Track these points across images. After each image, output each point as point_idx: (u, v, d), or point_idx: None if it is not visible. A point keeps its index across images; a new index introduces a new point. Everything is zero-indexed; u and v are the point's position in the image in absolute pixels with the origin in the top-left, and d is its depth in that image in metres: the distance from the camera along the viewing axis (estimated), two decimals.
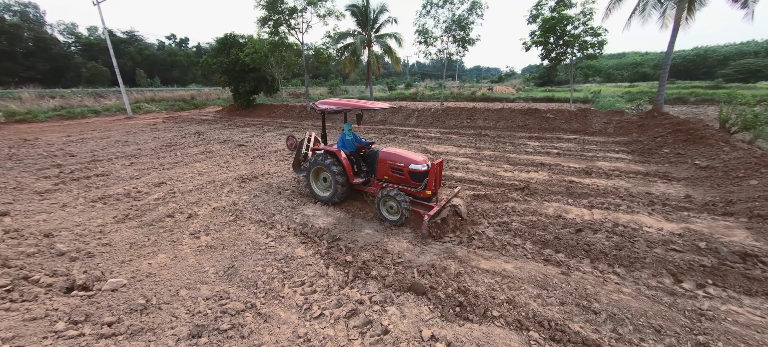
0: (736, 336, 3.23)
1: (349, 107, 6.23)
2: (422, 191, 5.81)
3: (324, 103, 6.56)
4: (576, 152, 11.65)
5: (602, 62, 67.41)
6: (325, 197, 6.73)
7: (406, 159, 5.99)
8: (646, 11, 14.46)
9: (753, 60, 45.11)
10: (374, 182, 6.48)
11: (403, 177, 6.02)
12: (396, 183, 6.16)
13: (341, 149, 6.64)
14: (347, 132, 6.85)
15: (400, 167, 6.00)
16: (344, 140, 6.80)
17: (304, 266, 4.51)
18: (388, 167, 6.16)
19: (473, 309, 3.60)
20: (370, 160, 6.65)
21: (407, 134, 16.43)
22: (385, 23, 21.36)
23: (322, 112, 6.71)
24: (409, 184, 6.01)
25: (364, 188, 6.63)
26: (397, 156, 6.13)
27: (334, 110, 6.43)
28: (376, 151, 6.44)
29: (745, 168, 7.80)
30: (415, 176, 5.91)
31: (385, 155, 6.23)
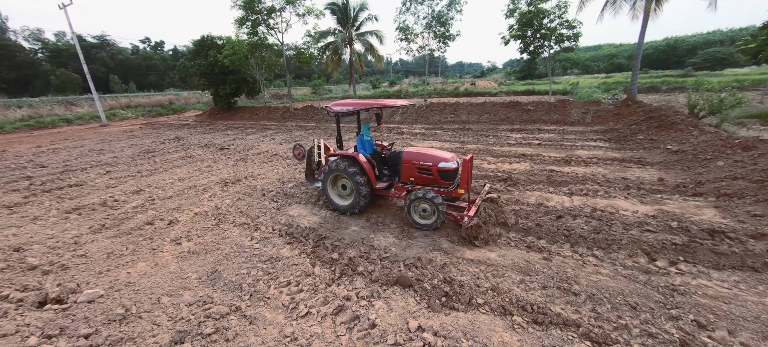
0: (706, 308, 3.41)
1: (367, 106, 5.77)
2: (454, 190, 5.46)
3: (338, 104, 6.07)
4: (556, 142, 11.96)
5: (579, 54, 69.35)
6: (345, 206, 6.08)
7: (434, 157, 5.54)
8: (617, 3, 15.00)
9: (719, 49, 47.41)
10: (398, 186, 5.96)
11: (432, 177, 5.55)
12: (423, 185, 5.68)
13: (361, 153, 6.07)
14: (366, 132, 6.36)
15: (428, 166, 5.52)
16: (363, 142, 6.26)
17: (290, 266, 4.47)
18: (414, 167, 5.65)
19: (459, 298, 3.66)
20: (393, 162, 6.16)
21: (392, 131, 16.47)
22: (365, 21, 21.34)
23: (337, 114, 6.11)
24: (438, 184, 5.55)
25: (388, 193, 6.10)
26: (424, 155, 5.63)
27: (350, 110, 5.94)
28: (399, 151, 5.92)
29: (712, 151, 8.21)
30: (446, 175, 5.47)
31: (410, 155, 5.71)
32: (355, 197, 5.94)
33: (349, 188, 6.20)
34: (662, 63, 56.48)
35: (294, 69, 41.61)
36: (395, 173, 6.12)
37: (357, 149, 6.24)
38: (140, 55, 65.61)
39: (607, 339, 3.04)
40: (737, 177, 6.50)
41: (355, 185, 5.79)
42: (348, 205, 6.08)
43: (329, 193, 6.29)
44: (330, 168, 6.05)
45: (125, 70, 57.48)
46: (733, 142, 8.18)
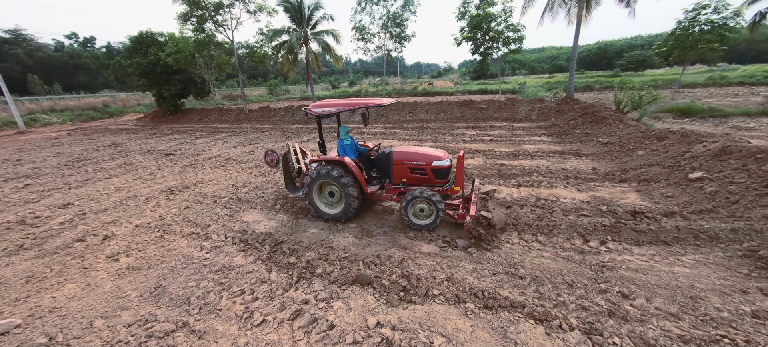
0: (628, 280, 3.87)
1: (351, 106, 5.39)
2: (449, 188, 5.41)
3: (319, 105, 5.63)
4: (506, 137, 12.77)
5: (526, 56, 74.60)
6: (335, 214, 5.71)
7: (428, 156, 5.44)
8: (554, 9, 16.42)
9: (640, 52, 53.79)
10: (390, 188, 5.76)
11: (426, 177, 5.44)
12: (416, 185, 5.54)
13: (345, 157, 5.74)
14: (345, 136, 5.99)
15: (421, 165, 5.41)
16: (344, 146, 5.90)
17: (244, 274, 4.28)
18: (406, 168, 5.51)
19: (416, 291, 3.77)
20: (382, 163, 5.93)
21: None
22: (321, 20, 20.96)
23: (318, 116, 5.68)
24: (432, 183, 5.46)
25: (379, 197, 5.87)
26: (416, 154, 5.50)
27: (334, 111, 5.51)
28: (389, 152, 5.73)
29: (634, 142, 9.31)
30: (440, 173, 5.41)
31: (401, 156, 5.55)
32: (345, 204, 5.56)
33: (337, 195, 5.76)
34: (595, 64, 62.71)
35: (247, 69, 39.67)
36: (385, 175, 5.89)
37: (339, 154, 5.84)
38: (66, 53, 58.25)
39: (548, 315, 3.32)
40: (653, 164, 7.45)
41: (345, 191, 5.43)
42: (338, 213, 5.67)
43: (316, 202, 5.82)
44: (316, 175, 5.60)
45: (47, 69, 50.70)
46: (650, 133, 9.35)
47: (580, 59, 61.93)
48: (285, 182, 6.72)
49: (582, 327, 3.17)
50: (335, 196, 5.80)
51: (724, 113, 14.66)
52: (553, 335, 3.11)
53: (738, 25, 15.71)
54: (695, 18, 15.85)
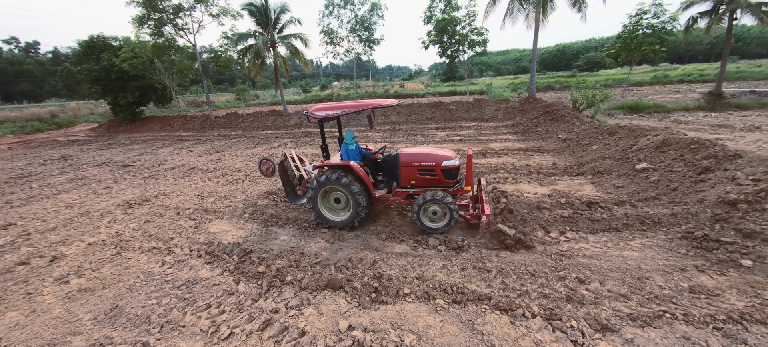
0: (584, 266, 4.15)
1: (356, 108, 5.23)
2: (460, 188, 5.35)
3: (321, 108, 5.41)
4: (474, 137, 13.21)
5: (492, 58, 77.59)
6: (341, 221, 5.48)
7: (437, 156, 5.34)
8: (513, 14, 17.29)
9: (594, 53, 57.69)
10: (398, 191, 5.60)
11: (435, 178, 5.35)
12: (426, 186, 5.44)
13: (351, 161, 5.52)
14: (350, 140, 5.78)
15: (431, 166, 5.31)
16: (348, 150, 5.69)
17: (210, 287, 4.12)
18: (415, 170, 5.39)
19: (387, 291, 3.81)
20: (389, 166, 5.74)
21: (326, 135, 16.25)
22: (288, 24, 20.60)
23: (320, 120, 5.42)
24: (442, 184, 5.38)
25: (387, 200, 5.69)
26: (424, 155, 5.40)
27: (338, 114, 5.28)
28: (396, 154, 5.58)
29: (589, 137, 9.98)
30: (450, 174, 5.33)
31: (409, 157, 5.43)
32: (352, 210, 5.35)
33: (343, 201, 5.53)
34: (555, 65, 66.48)
35: (213, 74, 38.12)
36: (393, 178, 5.74)
37: (343, 159, 5.62)
38: (5, 59, 52.98)
39: (513, 305, 3.49)
40: (606, 157, 8.04)
41: (352, 196, 5.23)
42: (345, 220, 5.45)
43: (321, 209, 5.57)
44: (320, 181, 5.35)
45: None
46: (603, 129, 10.08)
47: (541, 61, 65.38)
48: (285, 190, 6.41)
49: (543, 313, 3.36)
50: (341, 202, 5.57)
51: (667, 109, 16.09)
52: (517, 323, 3.27)
53: (674, 29, 17.35)
54: (638, 22, 17.32)
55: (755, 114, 13.99)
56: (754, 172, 5.16)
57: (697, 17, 16.71)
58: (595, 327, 3.15)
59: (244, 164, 10.93)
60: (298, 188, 6.24)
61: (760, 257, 3.90)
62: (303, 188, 6.11)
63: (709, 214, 4.75)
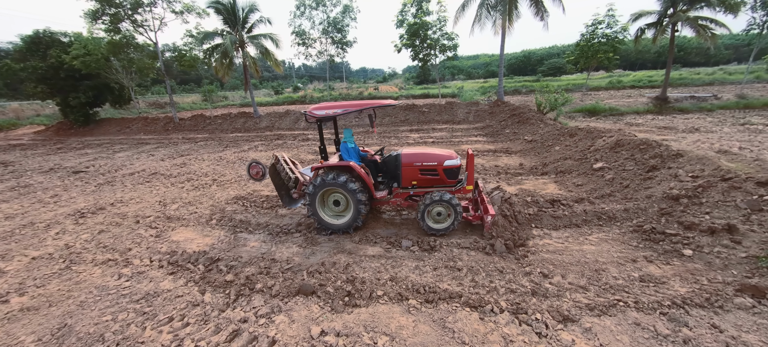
0: (548, 261, 4.38)
1: (357, 107, 5.12)
2: (462, 187, 5.34)
3: (321, 107, 5.25)
4: (447, 139, 13.54)
5: (463, 62, 79.96)
6: (341, 224, 5.35)
7: (438, 156, 5.30)
8: (481, 20, 17.98)
9: (557, 59, 61.11)
10: (399, 192, 5.49)
11: (437, 178, 5.31)
12: (427, 186, 5.39)
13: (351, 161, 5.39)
14: (350, 139, 5.66)
15: (433, 166, 5.26)
16: (347, 149, 5.55)
17: (173, 299, 3.89)
18: (416, 170, 5.31)
19: (360, 294, 3.80)
20: (389, 167, 5.63)
21: (297, 138, 15.96)
22: (257, 23, 20.00)
23: (319, 119, 5.28)
24: (444, 184, 5.35)
25: (387, 202, 5.59)
26: (426, 155, 5.33)
27: (339, 113, 5.14)
28: (396, 155, 5.48)
29: (552, 139, 10.55)
30: (452, 173, 5.31)
31: (410, 157, 5.33)
32: (353, 212, 5.24)
33: (343, 204, 5.40)
34: (522, 70, 69.66)
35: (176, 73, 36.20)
36: (393, 179, 5.63)
37: (342, 159, 5.49)
38: None
39: (482, 301, 3.60)
40: (567, 158, 8.53)
41: (354, 198, 5.12)
42: (345, 222, 5.33)
43: (320, 213, 5.41)
44: (319, 183, 5.18)
45: None
46: (564, 131, 10.70)
47: (508, 66, 68.24)
48: (279, 194, 6.12)
49: (510, 308, 3.50)
50: (341, 205, 5.41)
51: (620, 112, 17.37)
52: (486, 319, 3.38)
53: (626, 38, 18.83)
54: (594, 31, 18.61)
55: (695, 117, 15.47)
56: (693, 169, 5.70)
57: (644, 28, 18.24)
58: (558, 319, 3.33)
59: (211, 169, 10.47)
60: (293, 192, 5.96)
61: (699, 246, 4.31)
62: (299, 192, 5.86)
63: (655, 209, 5.19)
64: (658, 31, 17.51)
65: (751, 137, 10.50)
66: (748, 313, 3.25)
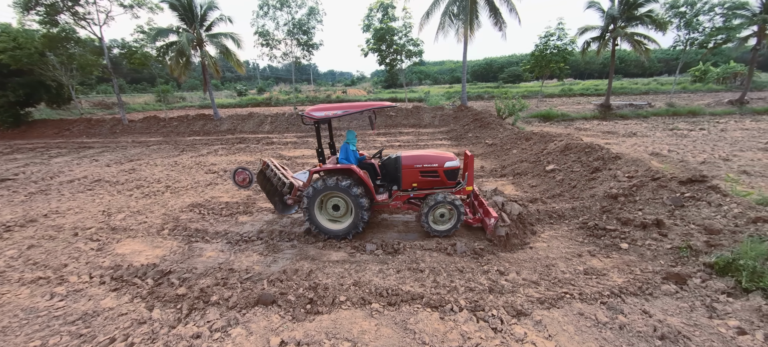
0: (504, 259, 4.60)
1: (357, 109, 5.10)
2: (462, 189, 5.40)
3: (319, 109, 5.09)
4: (413, 142, 13.80)
5: (429, 68, 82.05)
6: (342, 229, 5.20)
7: (439, 158, 5.36)
8: (445, 28, 18.65)
9: (516, 68, 64.76)
10: (398, 195, 5.44)
11: (438, 179, 5.34)
12: (427, 189, 5.39)
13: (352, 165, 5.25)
14: (353, 140, 5.54)
15: (433, 168, 5.29)
16: (348, 151, 5.40)
17: (115, 318, 3.58)
18: (417, 172, 5.31)
19: (323, 301, 3.75)
20: (389, 170, 5.61)
21: (260, 142, 15.40)
22: (217, 21, 19.06)
23: (317, 121, 5.10)
24: (444, 185, 5.38)
25: (387, 205, 5.51)
26: (427, 157, 5.37)
27: (340, 114, 5.02)
28: (396, 157, 5.47)
29: (510, 142, 11.16)
30: (452, 175, 5.35)
31: (411, 160, 5.35)
32: (355, 217, 5.11)
33: (343, 208, 5.30)
34: (484, 77, 72.98)
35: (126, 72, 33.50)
36: (393, 182, 5.59)
37: (340, 161, 5.34)
38: None
39: (443, 301, 3.71)
40: (523, 160, 9.06)
41: (355, 202, 4.99)
42: (346, 228, 5.18)
43: (318, 219, 5.22)
44: (318, 187, 5.01)
45: None
46: (521, 135, 11.37)
47: (471, 72, 71.13)
48: (272, 201, 5.87)
49: (469, 306, 3.64)
50: (341, 209, 5.29)
51: (571, 118, 18.79)
52: (446, 318, 3.48)
53: (574, 50, 20.48)
54: (546, 43, 20.03)
55: (633, 123, 17.15)
56: (629, 170, 6.31)
57: (590, 41, 19.98)
58: (512, 313, 3.52)
59: (164, 174, 9.79)
60: (287, 198, 5.68)
61: (633, 240, 4.78)
62: (294, 197, 5.62)
63: (598, 207, 5.67)
64: (601, 44, 19.25)
65: (678, 141, 11.85)
66: (672, 298, 3.65)
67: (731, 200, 4.79)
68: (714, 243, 4.18)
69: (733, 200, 4.79)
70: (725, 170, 7.77)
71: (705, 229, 4.47)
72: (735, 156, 9.25)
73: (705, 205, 4.94)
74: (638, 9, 17.60)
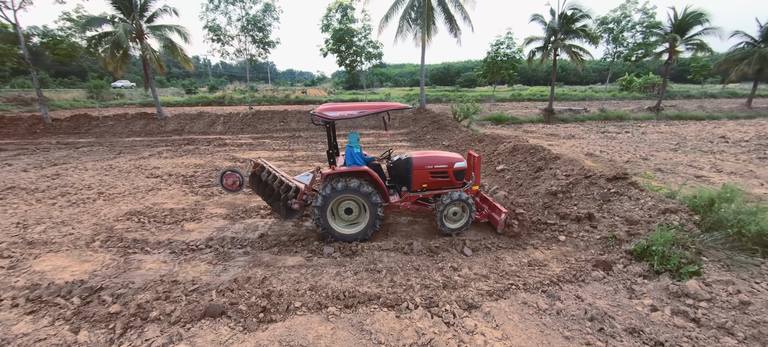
0: (458, 255, 4.82)
1: (374, 109, 5.14)
2: (469, 188, 5.60)
3: (332, 108, 4.98)
4: (373, 144, 13.88)
5: (390, 70, 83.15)
6: (355, 233, 5.14)
7: (448, 159, 5.52)
8: (403, 32, 19.09)
9: (471, 73, 68.09)
10: (408, 196, 5.53)
11: (447, 179, 5.49)
12: (436, 189, 5.52)
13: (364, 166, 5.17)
14: (356, 143, 5.33)
15: (443, 168, 5.44)
16: (353, 155, 5.23)
17: (31, 345, 3.14)
18: (427, 173, 5.41)
19: (277, 308, 3.63)
20: (400, 171, 5.70)
21: (211, 143, 14.45)
22: (161, 13, 17.52)
23: (330, 121, 5.09)
24: (452, 185, 5.53)
25: (396, 207, 5.60)
26: (436, 158, 5.50)
27: (355, 115, 4.97)
28: (407, 158, 5.53)
29: (466, 144, 11.70)
30: (460, 175, 5.54)
31: (422, 161, 5.43)
32: (370, 219, 5.08)
33: (356, 211, 5.27)
34: (442, 80, 75.69)
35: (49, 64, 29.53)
36: (402, 183, 5.70)
37: (347, 164, 5.19)
38: None
39: (399, 300, 3.78)
40: None
41: (371, 204, 5.00)
42: (359, 231, 5.15)
43: (331, 223, 5.12)
44: (341, 188, 4.90)
45: None
46: (475, 137, 11.97)
47: (430, 76, 73.38)
48: (273, 206, 5.57)
49: (424, 303, 3.75)
50: (353, 212, 5.27)
51: (519, 121, 20.21)
52: (402, 316, 3.56)
53: (522, 58, 22.08)
54: (497, 51, 21.36)
55: (572, 126, 18.90)
56: (567, 169, 6.95)
57: (535, 51, 21.70)
58: (464, 307, 3.69)
59: (96, 180, 8.78)
60: (293, 202, 5.33)
61: (569, 233, 5.27)
62: (300, 201, 5.33)
63: (541, 203, 6.17)
64: (545, 54, 20.98)
65: (608, 143, 13.29)
66: (600, 283, 4.09)
67: (647, 195, 5.49)
68: (633, 233, 4.77)
69: (648, 194, 5.49)
70: (644, 168, 8.88)
71: (626, 220, 5.07)
72: (652, 156, 10.61)
73: (626, 199, 5.61)
74: (575, 23, 19.48)
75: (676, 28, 21.59)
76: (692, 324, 3.21)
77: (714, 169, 8.97)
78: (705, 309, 3.33)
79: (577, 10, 19.06)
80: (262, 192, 5.70)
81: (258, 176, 5.81)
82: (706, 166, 9.27)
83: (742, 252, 4.03)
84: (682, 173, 8.56)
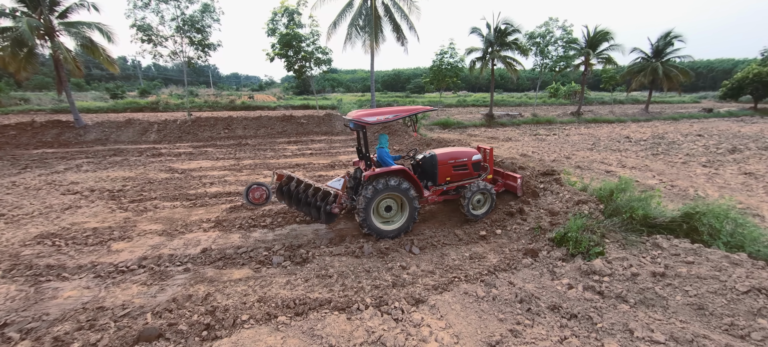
0: (406, 254, 5.06)
1: (406, 113, 5.62)
2: (485, 178, 6.49)
3: (368, 114, 5.39)
4: (325, 150, 13.78)
5: (342, 76, 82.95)
6: (395, 229, 5.59)
7: (466, 153, 6.27)
8: (352, 39, 19.31)
9: (421, 79, 70.83)
10: (435, 190, 6.20)
11: (467, 171, 6.24)
12: (457, 181, 6.24)
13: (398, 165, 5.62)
14: (386, 144, 5.96)
15: (464, 162, 6.19)
16: (386, 155, 5.72)
17: None
18: (450, 167, 6.13)
19: (222, 324, 3.49)
20: (427, 167, 6.37)
21: (144, 153, 13.12)
22: (77, 7, 15.45)
23: (369, 126, 5.40)
24: (470, 176, 6.29)
25: (425, 201, 6.18)
26: (456, 154, 6.24)
27: (391, 119, 5.50)
28: (432, 155, 6.19)
29: (415, 148, 12.19)
30: (478, 166, 6.33)
31: (445, 156, 6.16)
32: (409, 215, 5.61)
33: (394, 209, 5.73)
34: (393, 86, 77.63)
35: None
36: (429, 178, 6.32)
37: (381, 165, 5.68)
38: None
39: (350, 302, 3.87)
40: None
41: (409, 200, 5.52)
42: (399, 227, 5.61)
43: (374, 223, 5.46)
44: (382, 187, 5.30)
45: None
46: (424, 141, 12.56)
47: (382, 82, 74.78)
48: (311, 215, 5.76)
49: (374, 302, 3.89)
50: (392, 210, 5.71)
51: (464, 125, 21.58)
52: (353, 317, 3.66)
53: (464, 67, 23.71)
54: (441, 60, 22.67)
55: (509, 129, 20.71)
56: (505, 170, 7.66)
57: (475, 60, 23.47)
58: (411, 302, 3.91)
59: None
60: (332, 207, 5.49)
61: (505, 226, 5.84)
62: (339, 204, 5.57)
63: None
64: (483, 64, 22.80)
65: (539, 144, 14.84)
66: (529, 269, 4.61)
67: (565, 189, 6.31)
68: (555, 223, 5.46)
69: (566, 188, 6.32)
70: (566, 166, 10.12)
71: (549, 212, 5.78)
72: (573, 155, 12.10)
73: (550, 193, 6.39)
74: (508, 37, 21.51)
75: (589, 44, 24.92)
76: (598, 296, 3.80)
77: (620, 164, 10.56)
78: (607, 282, 3.96)
79: (510, 25, 21.08)
80: (295, 202, 5.88)
81: (282, 188, 5.98)
82: (614, 162, 10.86)
83: (633, 233, 4.86)
84: (596, 169, 9.92)
